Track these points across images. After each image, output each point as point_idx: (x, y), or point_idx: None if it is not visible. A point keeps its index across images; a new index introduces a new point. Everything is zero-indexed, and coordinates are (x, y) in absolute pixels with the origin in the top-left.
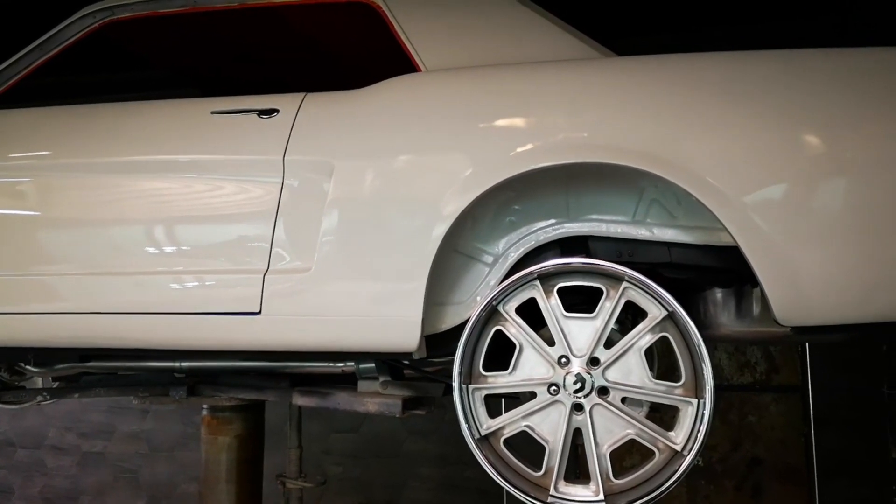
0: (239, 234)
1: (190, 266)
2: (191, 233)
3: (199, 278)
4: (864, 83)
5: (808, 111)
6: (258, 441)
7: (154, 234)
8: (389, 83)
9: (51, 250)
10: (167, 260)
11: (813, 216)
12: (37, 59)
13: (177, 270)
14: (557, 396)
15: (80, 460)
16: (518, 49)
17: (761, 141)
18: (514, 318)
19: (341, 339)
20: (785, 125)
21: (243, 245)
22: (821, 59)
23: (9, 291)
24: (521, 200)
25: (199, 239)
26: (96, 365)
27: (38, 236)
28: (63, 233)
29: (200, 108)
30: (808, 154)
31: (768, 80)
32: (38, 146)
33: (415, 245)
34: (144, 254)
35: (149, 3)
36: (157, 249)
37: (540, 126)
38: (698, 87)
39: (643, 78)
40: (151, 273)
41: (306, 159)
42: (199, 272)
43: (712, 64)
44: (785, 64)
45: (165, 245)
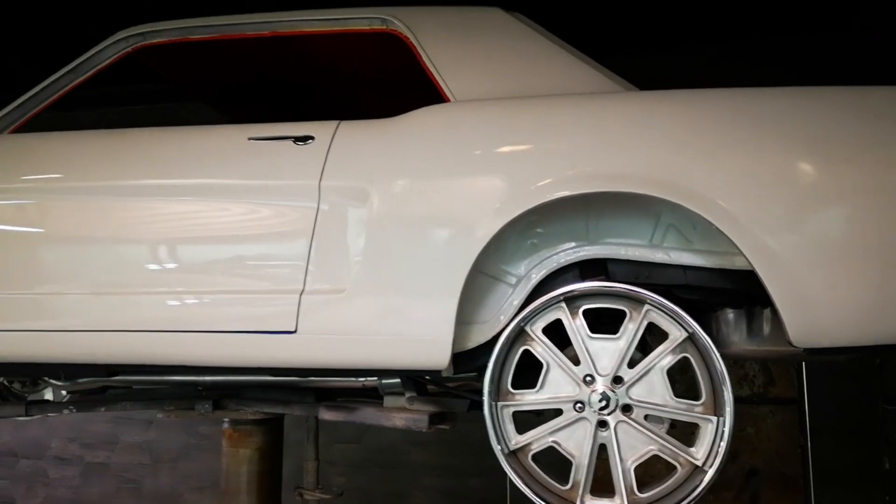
0: (275, 256)
1: (227, 286)
2: (228, 254)
3: (235, 298)
4: (874, 117)
5: (821, 142)
6: (277, 453)
7: (193, 255)
8: (421, 112)
9: (91, 270)
10: (205, 280)
11: (826, 241)
12: (72, 81)
13: (214, 290)
14: (583, 413)
15: (83, 471)
16: (542, 81)
17: (776, 170)
18: (541, 338)
19: (374, 356)
20: (798, 155)
21: (280, 266)
22: (831, 95)
23: (48, 309)
24: (543, 224)
25: (236, 260)
26: (121, 379)
27: (80, 256)
28: (103, 253)
29: (238, 135)
30: (820, 182)
31: (782, 113)
32: (80, 169)
33: (447, 268)
34: (183, 274)
35: (181, 30)
36: (195, 270)
37: (564, 156)
38: (715, 120)
39: (663, 110)
40: (190, 293)
41: (341, 184)
42: (236, 292)
43: (728, 98)
44: (798, 99)
45: (204, 266)
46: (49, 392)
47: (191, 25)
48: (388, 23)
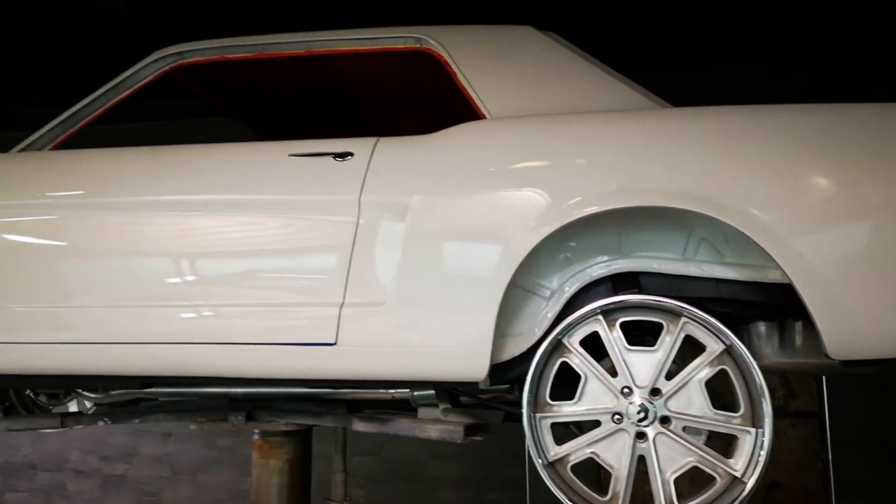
0: (315, 270)
1: (267, 299)
2: (268, 268)
3: (275, 311)
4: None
5: (855, 155)
6: (306, 465)
7: (234, 268)
8: (459, 129)
9: (131, 283)
10: (246, 293)
11: (862, 253)
12: (112, 99)
13: (255, 303)
14: (621, 425)
15: (102, 483)
16: (575, 98)
17: (811, 183)
18: (578, 350)
19: (413, 368)
20: (832, 168)
21: (320, 280)
22: (864, 111)
23: (86, 321)
24: (576, 238)
25: (277, 273)
26: (152, 391)
27: (120, 269)
28: (144, 266)
29: (278, 151)
30: (855, 193)
31: (816, 129)
32: (124, 185)
33: (485, 282)
34: (224, 287)
35: (218, 49)
36: (236, 283)
37: (601, 171)
38: (748, 135)
39: (697, 126)
40: (231, 305)
41: (380, 199)
42: (276, 305)
43: (760, 115)
44: (832, 115)
45: (245, 279)
46: (74, 404)
47: (227, 45)
48: (423, 41)
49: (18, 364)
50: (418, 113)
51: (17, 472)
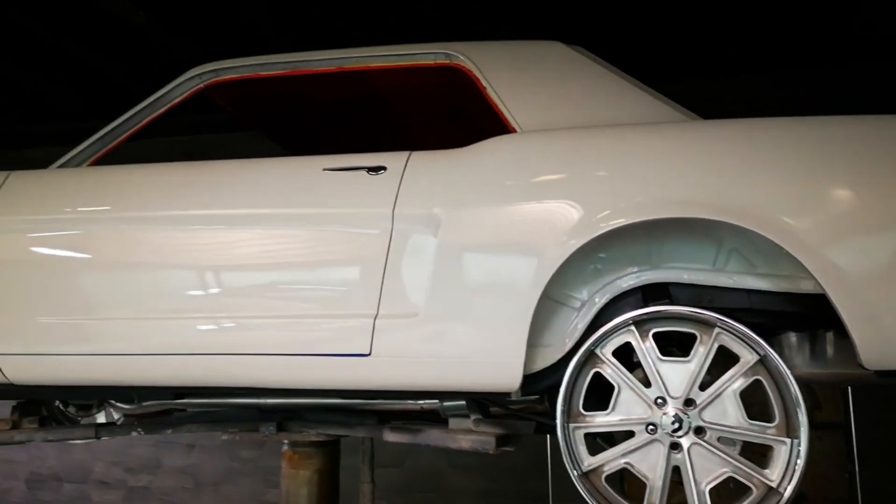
0: (350, 282)
1: (302, 311)
2: (303, 280)
3: (311, 322)
4: None
5: (889, 165)
6: (335, 476)
7: (271, 280)
8: (490, 143)
9: (167, 296)
10: (281, 305)
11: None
12: (148, 116)
13: (290, 315)
14: (655, 435)
15: (127, 495)
16: (605, 111)
17: (844, 192)
18: (611, 360)
19: (446, 378)
20: (865, 178)
21: (354, 291)
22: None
23: (120, 333)
24: (606, 249)
25: (313, 286)
26: (182, 402)
27: (157, 282)
28: (179, 279)
29: (313, 165)
30: (889, 203)
31: (848, 139)
32: (162, 200)
33: (518, 294)
34: (259, 299)
35: (251, 66)
36: (273, 295)
37: (631, 184)
38: (779, 146)
39: (728, 138)
40: (266, 317)
41: (414, 212)
42: (311, 316)
43: (791, 126)
44: (862, 125)
45: (279, 291)
46: (103, 415)
47: (261, 62)
48: (452, 57)
49: (53, 375)
50: (448, 127)
51: (43, 483)
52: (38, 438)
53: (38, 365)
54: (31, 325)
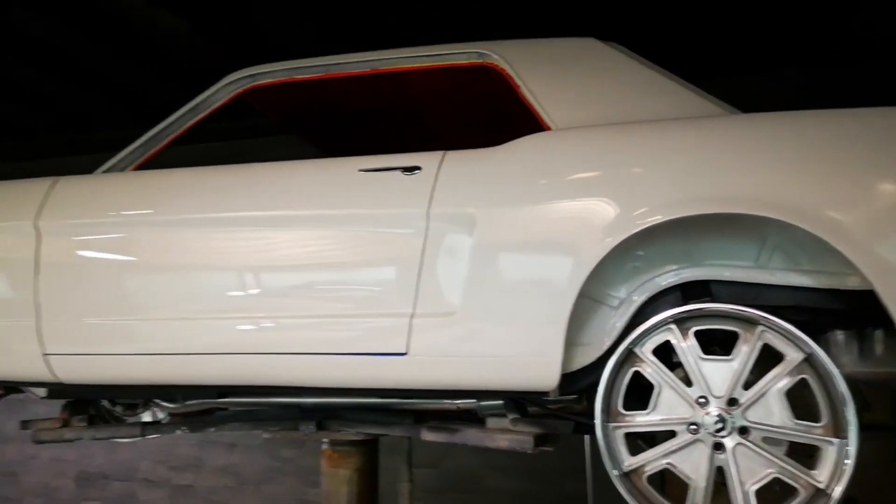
0: (386, 281)
1: (338, 311)
2: (339, 280)
3: (347, 322)
4: None
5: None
6: (374, 475)
7: (308, 281)
8: (525, 141)
9: (207, 296)
10: (318, 305)
11: None
12: (188, 121)
13: (327, 315)
14: (698, 435)
15: (172, 493)
16: (641, 107)
17: (892, 186)
18: (651, 359)
19: (483, 377)
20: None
21: (390, 291)
22: None
23: (165, 333)
24: (644, 247)
25: (349, 285)
26: (226, 401)
27: (197, 283)
28: (220, 280)
29: (348, 167)
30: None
31: (894, 131)
32: (200, 202)
33: (555, 292)
34: (296, 299)
35: (287, 71)
36: (308, 295)
37: (670, 180)
38: (824, 139)
39: (770, 132)
40: (303, 317)
41: (449, 212)
42: (348, 316)
43: (837, 118)
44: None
45: (316, 291)
46: (149, 415)
47: (296, 66)
48: (486, 56)
49: (101, 374)
50: (482, 127)
51: (91, 481)
52: (87, 436)
53: (87, 364)
54: (79, 325)
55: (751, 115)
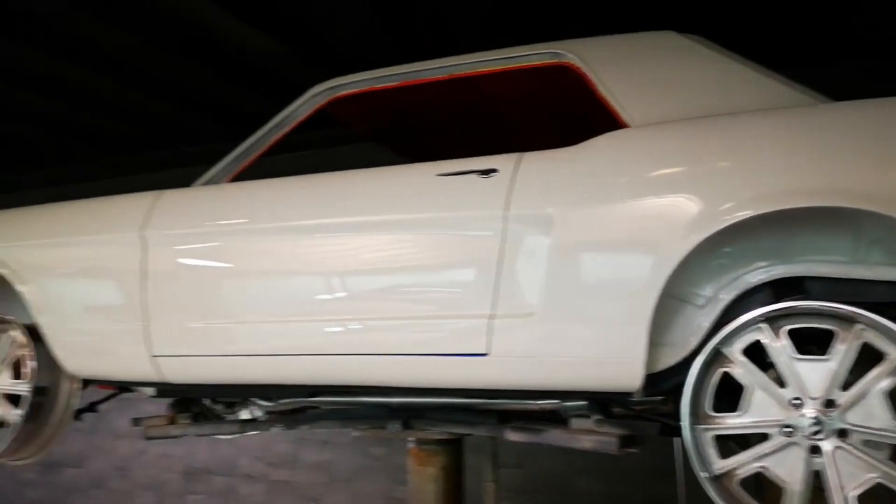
0: (465, 283)
1: (419, 312)
2: (419, 283)
3: (428, 324)
4: None
5: None
6: (460, 474)
7: (390, 284)
8: (603, 139)
9: (297, 300)
10: (399, 307)
11: None
12: (276, 134)
13: (407, 316)
14: (793, 438)
15: (269, 488)
16: (725, 99)
17: None
18: (741, 360)
19: (565, 378)
20: None
21: (469, 293)
22: None
23: (259, 335)
24: (732, 243)
25: (430, 288)
26: (318, 400)
27: (288, 287)
28: (308, 284)
29: (426, 172)
30: None
31: None
32: (287, 210)
33: (636, 292)
34: (378, 302)
35: (367, 81)
36: (392, 298)
37: (755, 174)
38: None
39: (869, 119)
40: (387, 319)
41: (526, 213)
42: (428, 318)
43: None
44: None
45: (397, 294)
46: (246, 413)
47: (376, 76)
48: (560, 56)
49: (203, 375)
50: (559, 128)
51: (196, 475)
52: (191, 433)
53: (190, 365)
54: (183, 329)
55: (843, 103)
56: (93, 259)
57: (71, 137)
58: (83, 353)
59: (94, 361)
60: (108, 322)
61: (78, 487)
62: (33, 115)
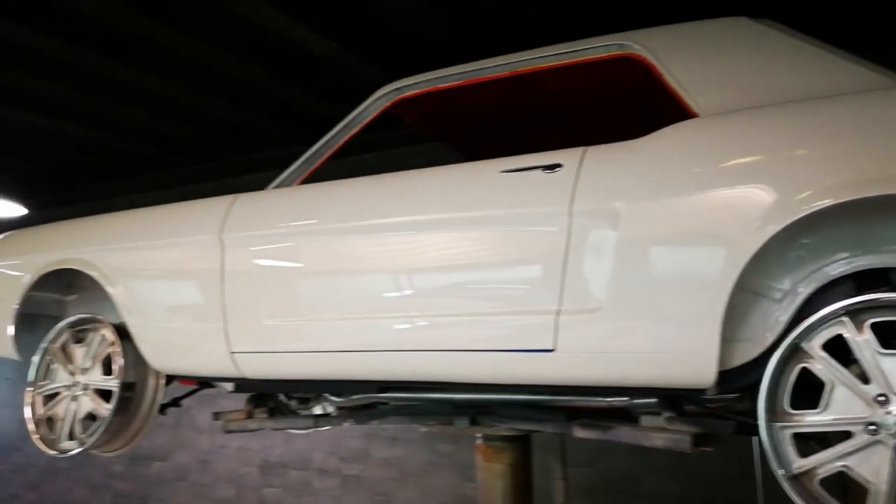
0: (531, 279)
1: (485, 309)
2: (488, 279)
3: (497, 319)
4: None
5: None
6: (528, 471)
7: (456, 281)
8: (670, 130)
9: (365, 298)
10: (465, 304)
11: None
12: (343, 137)
13: (477, 312)
14: (878, 437)
15: (342, 482)
16: (800, 85)
17: None
18: (820, 355)
19: (634, 374)
20: None
21: (535, 288)
22: None
23: (329, 332)
24: (810, 234)
25: (495, 284)
26: (386, 396)
27: (356, 286)
28: (375, 282)
29: (490, 169)
30: None
31: None
32: (354, 210)
33: (708, 285)
34: (447, 299)
35: (430, 81)
36: (457, 295)
37: (832, 161)
38: None
39: None
40: (453, 315)
41: (592, 207)
42: (497, 314)
43: None
44: None
45: (463, 291)
46: (318, 408)
47: (439, 76)
48: (626, 47)
49: (277, 370)
50: (625, 121)
51: (272, 469)
52: (267, 427)
53: (266, 361)
54: (259, 326)
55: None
56: (175, 261)
57: (153, 147)
58: (167, 350)
59: (177, 358)
60: (190, 320)
61: (163, 480)
62: (118, 125)
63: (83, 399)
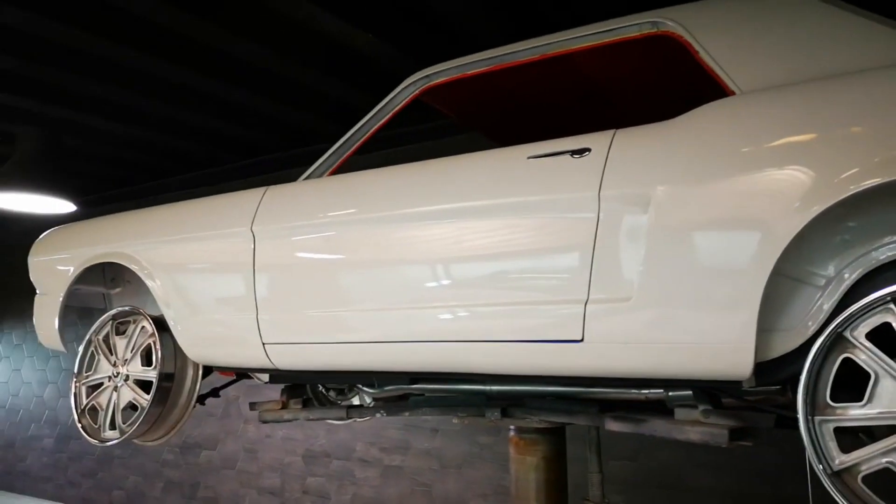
0: (558, 268)
1: (512, 298)
2: (515, 268)
3: (523, 309)
4: None
5: None
6: (562, 464)
7: (483, 270)
8: (704, 110)
9: (397, 288)
10: (492, 293)
11: None
12: (372, 127)
13: (504, 302)
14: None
15: (383, 472)
16: (844, 58)
17: None
18: (865, 344)
19: (666, 366)
20: None
21: (563, 277)
22: None
23: (362, 323)
24: (855, 217)
25: (523, 273)
26: (419, 387)
27: (388, 276)
28: (407, 272)
29: (517, 155)
30: None
31: None
32: (386, 200)
33: (743, 272)
34: (474, 288)
35: (459, 67)
36: (485, 284)
37: (876, 139)
38: None
39: None
40: (480, 305)
41: (622, 192)
42: (524, 303)
43: None
44: None
45: (490, 280)
46: (356, 399)
47: (467, 62)
48: (660, 25)
49: (308, 361)
50: (659, 100)
51: (316, 459)
52: (302, 417)
53: (297, 352)
54: (289, 317)
55: None
56: (208, 254)
57: (198, 144)
58: (204, 341)
59: (213, 349)
60: (224, 312)
61: (212, 468)
62: (166, 123)
63: (124, 389)
